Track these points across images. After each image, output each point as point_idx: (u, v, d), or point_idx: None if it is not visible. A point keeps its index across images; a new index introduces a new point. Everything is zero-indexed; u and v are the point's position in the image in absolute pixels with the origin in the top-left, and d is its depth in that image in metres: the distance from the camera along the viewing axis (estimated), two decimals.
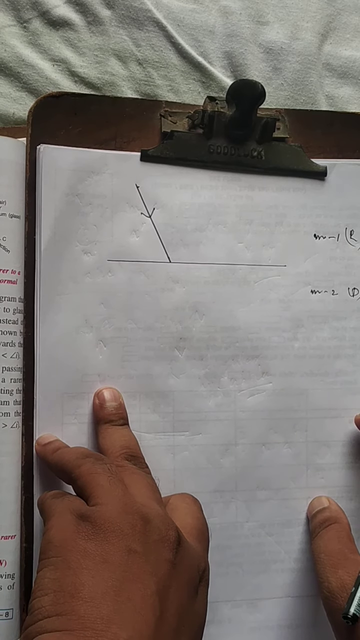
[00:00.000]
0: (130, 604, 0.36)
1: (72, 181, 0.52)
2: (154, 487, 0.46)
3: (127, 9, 0.60)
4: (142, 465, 0.47)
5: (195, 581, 0.41)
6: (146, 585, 0.37)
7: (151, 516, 0.41)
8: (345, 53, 0.64)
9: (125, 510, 0.41)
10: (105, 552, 0.38)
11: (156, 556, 0.39)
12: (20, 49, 0.58)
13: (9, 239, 0.51)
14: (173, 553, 0.40)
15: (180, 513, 0.46)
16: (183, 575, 0.40)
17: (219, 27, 0.62)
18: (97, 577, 0.37)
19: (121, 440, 0.49)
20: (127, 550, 0.39)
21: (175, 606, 0.38)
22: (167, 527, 0.41)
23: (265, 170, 0.55)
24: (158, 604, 0.37)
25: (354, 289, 0.56)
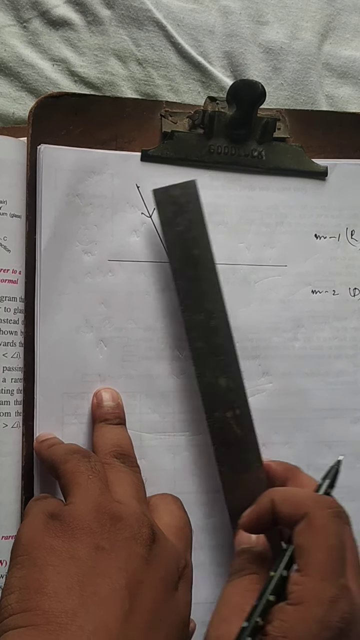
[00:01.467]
0: (97, 598, 0.36)
1: (72, 181, 0.52)
2: (138, 485, 0.46)
3: (127, 9, 0.60)
4: (131, 464, 0.47)
5: (174, 578, 0.41)
6: (114, 580, 0.37)
7: (124, 514, 0.41)
8: (345, 53, 0.65)
9: (97, 509, 0.41)
10: (72, 549, 0.39)
11: (127, 552, 0.39)
12: (20, 49, 0.58)
13: (10, 239, 0.51)
14: (146, 549, 0.40)
15: (160, 512, 0.46)
16: (158, 572, 0.40)
17: (219, 27, 0.62)
18: (63, 573, 0.37)
19: (113, 439, 0.49)
20: (94, 547, 0.39)
21: (149, 601, 0.38)
22: (140, 524, 0.41)
23: (265, 170, 0.56)
24: (127, 598, 0.37)
25: (354, 289, 0.57)
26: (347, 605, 0.40)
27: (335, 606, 0.39)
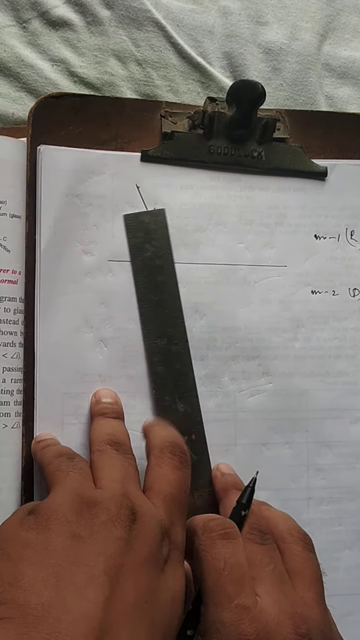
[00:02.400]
0: (74, 587, 0.36)
1: (72, 182, 0.52)
2: (129, 470, 0.45)
3: (127, 9, 0.60)
4: (124, 451, 0.46)
5: (159, 556, 0.40)
6: (92, 566, 0.37)
7: (100, 499, 0.40)
8: (344, 53, 0.65)
9: (73, 499, 0.40)
10: (46, 540, 0.38)
11: (104, 536, 0.38)
12: (19, 49, 0.58)
13: (10, 239, 0.51)
14: (125, 531, 0.39)
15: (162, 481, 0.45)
16: (140, 552, 0.39)
17: (219, 27, 0.62)
18: (38, 565, 0.37)
19: (109, 429, 0.48)
20: (70, 536, 0.38)
21: (131, 584, 0.37)
22: (118, 506, 0.40)
23: (265, 170, 0.56)
24: (107, 584, 0.36)
25: (354, 290, 0.57)
26: (250, 626, 0.39)
27: (234, 630, 0.39)
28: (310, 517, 0.55)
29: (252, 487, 0.48)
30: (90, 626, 0.34)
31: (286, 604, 0.41)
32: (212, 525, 0.42)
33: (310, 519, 0.55)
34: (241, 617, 0.39)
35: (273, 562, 0.43)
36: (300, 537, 0.46)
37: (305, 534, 0.47)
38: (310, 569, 0.44)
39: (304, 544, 0.46)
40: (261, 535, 0.44)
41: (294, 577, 0.43)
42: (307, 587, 0.43)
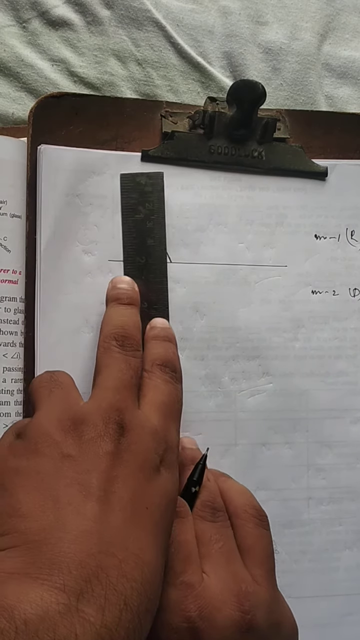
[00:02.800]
0: (71, 507, 0.36)
1: (72, 181, 0.53)
2: (127, 373, 0.44)
3: (127, 9, 0.60)
4: (130, 347, 0.46)
5: (152, 464, 0.40)
6: (86, 484, 0.37)
7: (87, 415, 0.41)
8: (344, 53, 0.65)
9: (59, 418, 0.41)
10: (38, 465, 0.38)
11: (94, 452, 0.39)
12: (19, 49, 0.58)
13: (10, 239, 0.51)
14: (114, 445, 0.39)
15: (144, 390, 0.45)
16: (132, 463, 0.39)
17: (218, 27, 0.62)
18: (33, 492, 0.37)
19: (118, 319, 0.48)
20: (60, 456, 0.38)
21: (127, 494, 0.38)
22: (106, 421, 0.40)
23: (265, 170, 0.56)
24: (104, 498, 0.37)
25: (354, 290, 0.57)
26: (194, 602, 0.40)
27: (178, 607, 0.40)
28: (311, 517, 0.55)
29: (203, 464, 0.47)
30: (91, 541, 0.35)
31: (232, 581, 0.41)
32: None
33: (311, 519, 0.55)
34: (185, 594, 0.40)
35: (222, 540, 0.43)
36: (255, 513, 0.46)
37: (260, 509, 0.47)
38: (261, 546, 0.45)
39: (258, 520, 0.46)
40: (213, 512, 0.44)
41: (245, 554, 0.44)
42: (256, 565, 0.43)
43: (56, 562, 0.33)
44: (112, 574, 0.34)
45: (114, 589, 0.33)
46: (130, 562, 0.35)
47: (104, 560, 0.34)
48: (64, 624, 0.31)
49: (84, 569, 0.33)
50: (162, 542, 0.39)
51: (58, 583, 0.32)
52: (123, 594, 0.34)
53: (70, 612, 0.31)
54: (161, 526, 0.39)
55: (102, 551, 0.35)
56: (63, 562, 0.33)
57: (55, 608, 0.31)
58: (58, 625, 0.30)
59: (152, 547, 0.37)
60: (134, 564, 0.35)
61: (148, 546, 0.37)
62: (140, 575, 0.35)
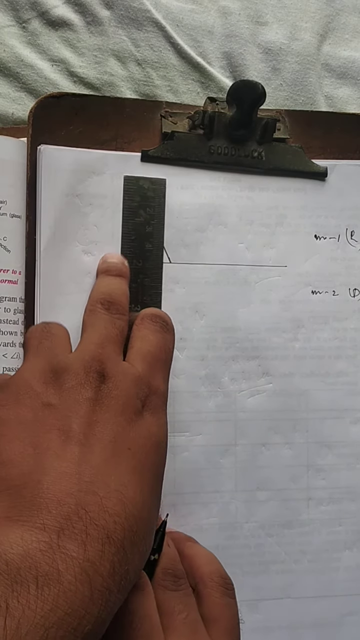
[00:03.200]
0: (50, 452, 0.37)
1: (72, 181, 0.53)
2: (112, 330, 0.45)
3: (126, 9, 0.60)
4: (115, 311, 0.47)
5: (134, 407, 0.41)
6: (65, 429, 0.38)
7: (69, 365, 0.41)
8: (344, 53, 0.65)
9: (42, 368, 0.42)
10: (19, 415, 0.39)
11: (74, 399, 0.40)
12: (19, 49, 0.59)
13: (10, 239, 0.51)
14: (94, 391, 0.40)
15: (133, 340, 0.46)
16: (113, 407, 0.40)
17: (218, 27, 0.62)
18: (14, 440, 0.38)
19: (105, 287, 0.49)
20: (41, 406, 0.39)
21: (108, 436, 0.38)
22: (87, 370, 0.41)
23: (265, 170, 0.56)
24: (84, 440, 0.37)
25: (354, 290, 0.57)
26: None
27: None
28: (310, 518, 0.55)
29: (162, 531, 0.46)
30: (70, 481, 0.35)
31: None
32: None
33: (310, 519, 0.55)
34: None
35: (186, 610, 0.42)
36: (221, 582, 0.45)
37: (227, 577, 0.46)
38: (228, 617, 0.44)
39: (224, 589, 0.45)
40: (174, 580, 0.44)
41: (211, 624, 0.43)
42: (222, 635, 0.42)
43: (36, 503, 0.34)
44: (93, 509, 0.34)
45: (94, 524, 0.34)
46: (112, 498, 0.35)
47: (83, 498, 0.35)
48: (46, 560, 0.31)
49: (63, 507, 0.34)
50: (149, 482, 0.39)
51: (38, 523, 0.33)
52: (105, 528, 0.34)
53: (51, 549, 0.32)
54: (147, 466, 0.39)
55: (82, 490, 0.35)
56: (42, 503, 0.34)
57: (36, 546, 0.32)
58: (40, 562, 0.31)
59: (135, 484, 0.38)
60: (115, 500, 0.36)
61: (130, 483, 0.37)
62: (123, 510, 0.35)
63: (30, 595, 0.30)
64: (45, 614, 0.29)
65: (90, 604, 0.31)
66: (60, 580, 0.31)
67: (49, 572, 0.31)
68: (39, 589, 0.30)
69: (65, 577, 0.31)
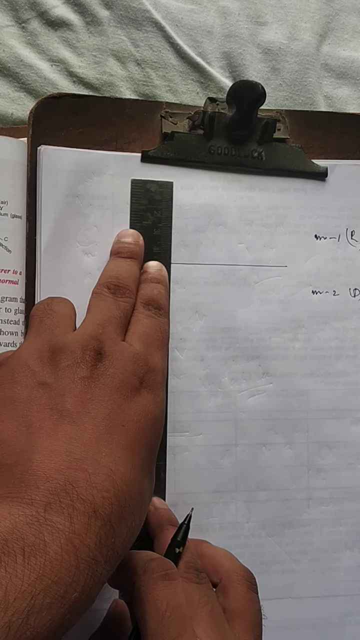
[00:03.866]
0: (43, 431, 0.37)
1: (72, 182, 0.53)
2: (115, 312, 0.46)
3: (126, 9, 0.60)
4: (121, 294, 0.48)
5: (131, 384, 0.41)
6: (58, 408, 0.39)
7: (66, 344, 0.42)
8: (343, 53, 0.65)
9: (40, 347, 0.42)
10: (14, 393, 0.40)
11: (69, 379, 0.40)
12: (18, 49, 0.59)
13: (11, 239, 0.52)
14: (91, 369, 0.41)
15: (137, 324, 0.46)
16: (109, 384, 0.40)
17: (218, 27, 0.62)
18: (8, 419, 0.38)
19: (114, 270, 0.50)
20: (36, 384, 0.40)
21: (102, 413, 0.39)
22: (84, 349, 0.42)
23: (265, 171, 0.56)
24: (77, 419, 0.38)
25: (355, 290, 0.57)
26: None
27: None
28: (311, 518, 0.55)
29: (187, 524, 0.47)
30: (60, 459, 0.36)
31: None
32: (153, 566, 0.42)
33: (311, 519, 0.55)
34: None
35: (210, 603, 0.42)
36: (246, 576, 0.46)
37: (250, 572, 0.47)
38: (252, 612, 0.44)
39: (249, 584, 0.46)
40: (197, 574, 0.44)
41: (235, 618, 0.43)
42: (246, 630, 0.43)
43: (25, 480, 0.35)
44: (80, 485, 0.35)
45: (81, 498, 0.34)
46: (100, 474, 0.36)
47: (72, 474, 0.35)
48: (32, 532, 0.32)
49: (51, 483, 0.35)
50: (142, 457, 0.40)
51: (26, 498, 0.34)
52: (92, 503, 0.35)
53: (38, 522, 0.33)
54: (141, 443, 0.40)
55: (72, 467, 0.36)
56: (31, 480, 0.35)
57: (23, 520, 0.32)
58: (26, 534, 0.32)
59: (127, 460, 0.38)
60: (104, 476, 0.36)
61: (122, 459, 0.38)
62: (111, 486, 0.36)
63: (18, 565, 0.30)
64: (32, 582, 0.30)
65: (76, 573, 0.32)
66: (46, 551, 0.32)
67: (35, 543, 0.32)
68: (26, 559, 0.31)
69: (52, 547, 0.32)
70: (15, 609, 0.29)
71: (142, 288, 0.50)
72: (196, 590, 0.43)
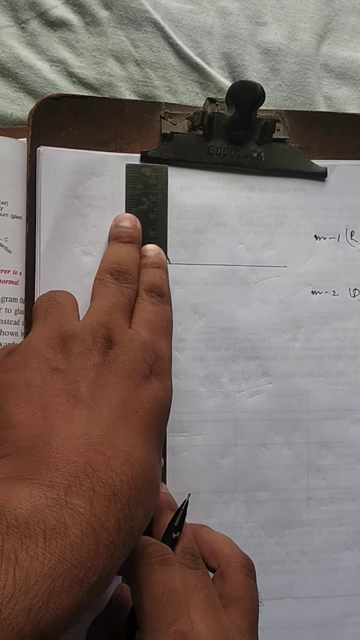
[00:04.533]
0: (60, 415, 0.38)
1: (71, 183, 0.53)
2: (120, 299, 0.47)
3: (125, 10, 0.61)
4: (124, 280, 0.48)
5: (141, 372, 0.42)
6: (74, 393, 0.39)
7: (77, 331, 0.43)
8: (343, 54, 0.65)
9: (50, 335, 0.43)
10: (27, 379, 0.40)
11: (83, 365, 0.41)
12: (18, 50, 0.59)
13: (11, 240, 0.52)
14: (102, 357, 0.41)
15: (136, 311, 0.47)
16: (121, 371, 0.41)
17: (217, 27, 0.63)
18: (23, 404, 0.39)
19: (116, 256, 0.50)
20: (49, 370, 0.41)
21: (116, 399, 0.40)
22: (94, 336, 0.42)
23: (265, 171, 0.56)
24: (92, 404, 0.39)
25: (354, 290, 0.57)
26: None
27: None
28: (311, 518, 0.56)
29: (184, 510, 0.47)
30: (79, 442, 0.36)
31: (219, 631, 0.41)
32: (150, 551, 0.42)
33: (311, 519, 0.56)
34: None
35: (206, 588, 0.43)
36: (244, 563, 0.46)
37: (248, 559, 0.47)
38: (249, 599, 0.44)
39: (247, 571, 0.46)
40: (193, 559, 0.44)
41: (231, 604, 0.44)
42: (241, 617, 0.43)
43: (44, 462, 0.35)
44: (100, 468, 0.35)
45: (101, 482, 0.35)
46: (119, 458, 0.37)
47: (91, 457, 0.36)
48: (53, 515, 0.32)
49: (71, 465, 0.35)
50: (154, 444, 0.40)
51: (46, 480, 0.34)
52: (111, 486, 0.35)
53: (59, 505, 0.33)
54: (153, 429, 0.40)
55: (90, 450, 0.36)
56: (51, 462, 0.35)
57: (44, 502, 0.33)
58: (47, 517, 0.32)
59: (142, 446, 0.39)
60: (122, 460, 0.37)
61: (138, 444, 0.38)
62: (129, 470, 0.37)
63: (39, 548, 0.31)
64: (53, 565, 0.31)
65: (96, 557, 0.33)
66: (67, 534, 0.32)
67: (57, 526, 0.32)
68: (47, 542, 0.31)
69: (72, 531, 0.32)
70: (35, 592, 0.30)
71: (143, 274, 0.50)
72: (192, 575, 0.43)
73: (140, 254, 0.52)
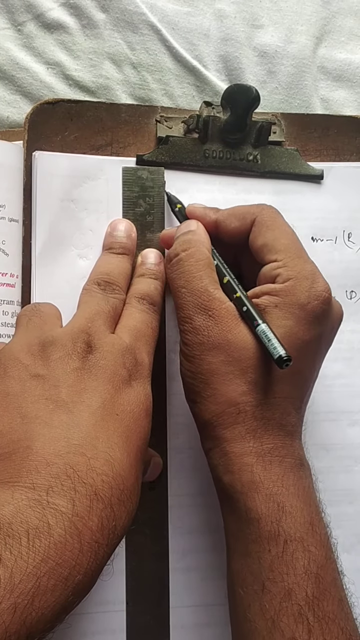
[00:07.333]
0: (39, 420, 0.39)
1: (67, 187, 0.54)
2: (104, 307, 0.48)
3: (122, 13, 0.61)
4: (111, 291, 0.50)
5: (122, 376, 0.43)
6: (53, 398, 0.40)
7: (57, 337, 0.44)
8: (339, 56, 0.66)
9: (29, 342, 0.44)
10: (7, 386, 0.41)
11: (62, 369, 0.42)
12: (14, 52, 0.60)
13: (8, 243, 0.53)
14: (81, 361, 0.42)
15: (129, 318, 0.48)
16: (101, 375, 0.42)
17: (214, 30, 0.63)
18: (3, 413, 0.40)
19: (105, 267, 0.52)
20: (29, 377, 0.41)
21: (96, 403, 0.40)
22: (74, 341, 0.43)
23: (261, 173, 0.57)
24: (72, 408, 0.40)
25: (351, 292, 0.58)
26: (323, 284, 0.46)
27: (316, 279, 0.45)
28: None
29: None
30: (59, 445, 0.38)
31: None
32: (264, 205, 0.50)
33: None
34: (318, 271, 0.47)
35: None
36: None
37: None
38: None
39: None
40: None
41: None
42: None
43: (25, 466, 0.36)
44: (81, 469, 0.37)
45: (82, 482, 0.36)
46: (99, 459, 0.38)
47: (72, 458, 0.37)
48: (36, 515, 0.33)
49: (51, 467, 0.36)
50: (136, 446, 0.41)
51: (28, 483, 0.35)
52: (93, 486, 0.36)
53: (41, 505, 0.34)
54: (134, 432, 0.41)
55: (71, 452, 0.37)
56: (32, 465, 0.36)
57: (26, 503, 0.34)
58: (30, 517, 0.33)
59: (122, 447, 0.40)
60: (103, 461, 0.38)
61: (118, 445, 0.39)
62: (110, 470, 0.38)
63: (22, 547, 0.32)
64: (37, 564, 0.32)
65: (80, 556, 0.34)
66: (50, 533, 0.33)
67: (39, 525, 0.33)
68: (30, 541, 0.32)
69: (56, 530, 0.34)
70: (20, 590, 0.31)
71: (138, 282, 0.52)
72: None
73: (140, 261, 0.53)
